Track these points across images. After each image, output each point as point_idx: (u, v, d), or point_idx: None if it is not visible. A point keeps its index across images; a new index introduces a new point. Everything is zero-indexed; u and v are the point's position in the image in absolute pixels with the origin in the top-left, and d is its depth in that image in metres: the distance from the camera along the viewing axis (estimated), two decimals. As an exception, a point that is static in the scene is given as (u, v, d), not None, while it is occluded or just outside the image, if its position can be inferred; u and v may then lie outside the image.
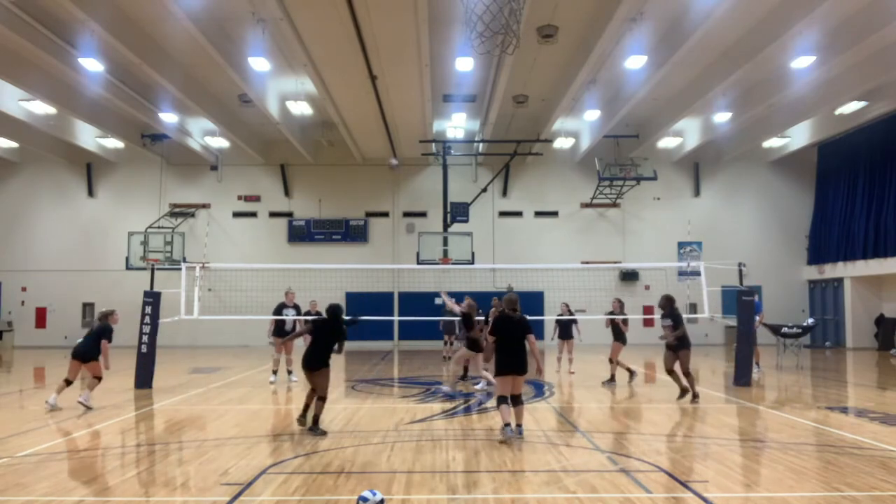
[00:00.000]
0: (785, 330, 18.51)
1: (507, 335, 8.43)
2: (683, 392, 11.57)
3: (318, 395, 8.90)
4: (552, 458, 7.51)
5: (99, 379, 11.03)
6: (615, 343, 14.39)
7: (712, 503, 5.78)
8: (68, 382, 10.86)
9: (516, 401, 8.40)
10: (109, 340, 10.94)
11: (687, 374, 11.60)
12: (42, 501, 5.87)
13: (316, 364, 8.89)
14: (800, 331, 18.68)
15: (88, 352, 10.90)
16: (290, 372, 14.60)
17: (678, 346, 11.59)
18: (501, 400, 8.38)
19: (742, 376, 13.78)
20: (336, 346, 9.03)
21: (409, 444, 8.24)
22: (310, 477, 6.71)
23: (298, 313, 14.63)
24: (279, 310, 14.49)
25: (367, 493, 5.27)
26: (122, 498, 6.05)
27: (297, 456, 7.61)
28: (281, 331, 14.22)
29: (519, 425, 8.36)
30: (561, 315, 16.65)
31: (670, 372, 11.76)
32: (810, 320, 19.42)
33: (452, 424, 9.70)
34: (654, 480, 6.54)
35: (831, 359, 21.94)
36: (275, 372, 14.51)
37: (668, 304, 11.74)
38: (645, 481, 6.47)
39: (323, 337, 8.99)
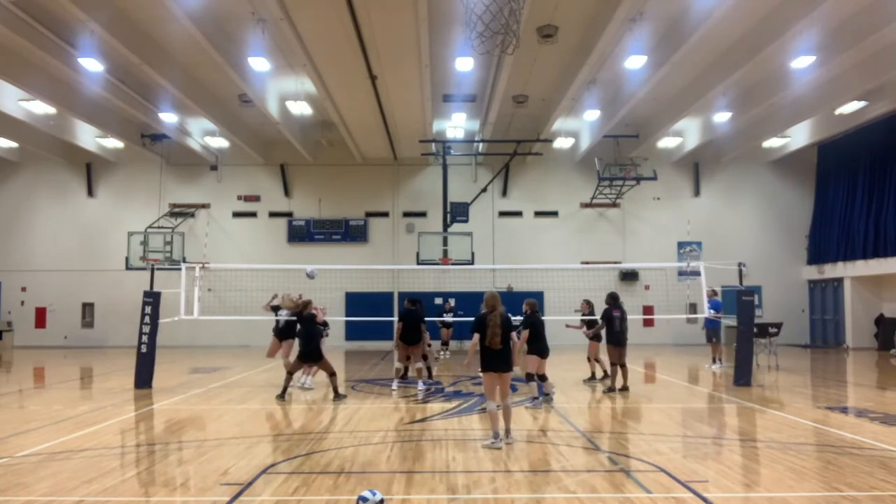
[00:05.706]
0: (772, 330, 17.22)
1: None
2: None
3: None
4: (552, 459, 7.51)
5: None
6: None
7: (712, 503, 5.78)
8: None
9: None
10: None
11: (597, 360, 14.50)
12: (42, 501, 5.87)
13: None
14: (776, 330, 17.58)
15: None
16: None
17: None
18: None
19: (742, 376, 13.81)
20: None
21: (409, 444, 8.25)
22: (310, 477, 6.71)
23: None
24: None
25: (367, 493, 5.28)
26: (122, 498, 6.05)
27: (297, 456, 7.62)
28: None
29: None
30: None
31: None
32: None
33: (452, 424, 9.70)
34: (654, 480, 6.54)
35: (831, 359, 21.96)
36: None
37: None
38: (645, 481, 6.47)
39: None
